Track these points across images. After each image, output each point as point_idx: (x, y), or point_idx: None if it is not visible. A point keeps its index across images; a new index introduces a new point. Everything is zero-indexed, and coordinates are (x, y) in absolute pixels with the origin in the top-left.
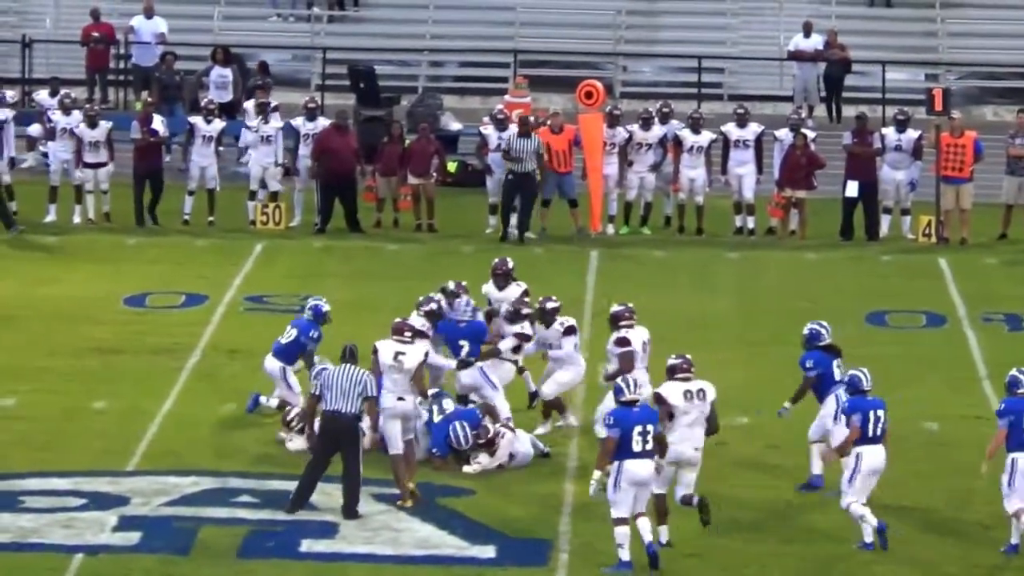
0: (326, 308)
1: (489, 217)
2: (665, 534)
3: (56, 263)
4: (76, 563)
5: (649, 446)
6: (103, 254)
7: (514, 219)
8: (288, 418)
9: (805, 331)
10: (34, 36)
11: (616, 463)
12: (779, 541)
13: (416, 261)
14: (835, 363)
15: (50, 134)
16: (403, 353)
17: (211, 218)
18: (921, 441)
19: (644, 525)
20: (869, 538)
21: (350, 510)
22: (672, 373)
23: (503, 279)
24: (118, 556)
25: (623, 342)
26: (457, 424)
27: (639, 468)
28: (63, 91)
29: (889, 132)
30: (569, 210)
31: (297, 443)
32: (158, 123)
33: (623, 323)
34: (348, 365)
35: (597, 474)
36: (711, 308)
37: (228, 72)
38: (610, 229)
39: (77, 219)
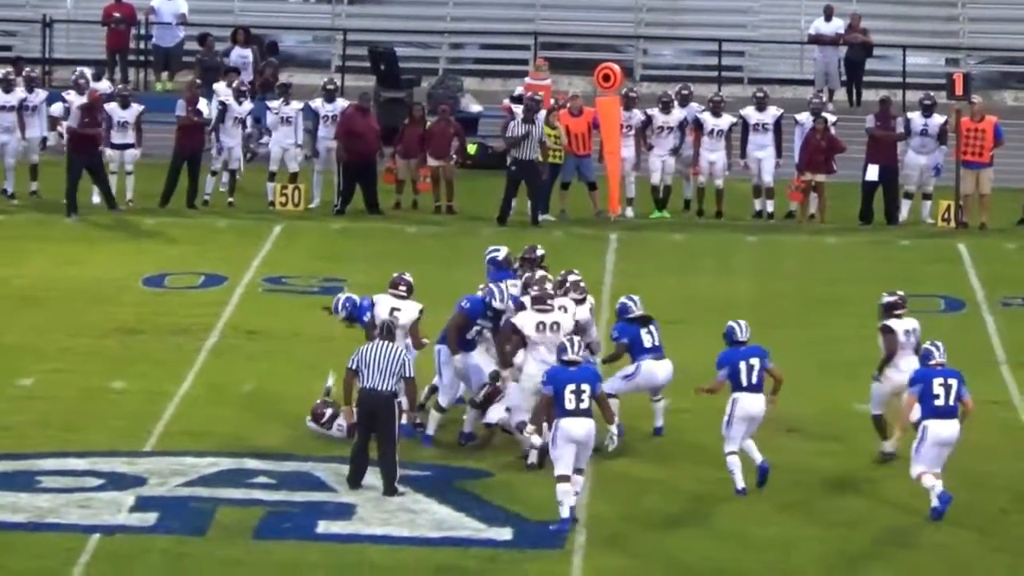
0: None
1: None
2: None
3: (77, 244)
4: (93, 543)
5: (584, 405)
6: (123, 234)
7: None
8: (319, 411)
9: (617, 304)
10: (55, 16)
11: (555, 421)
12: (800, 524)
13: (435, 243)
14: (643, 331)
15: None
16: (399, 309)
17: (231, 199)
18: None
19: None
20: (935, 503)
21: (389, 488)
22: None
23: (530, 265)
24: (135, 536)
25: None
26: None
27: (572, 426)
28: (84, 72)
29: (915, 116)
30: (588, 193)
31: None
32: (203, 104)
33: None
34: (385, 342)
35: (530, 428)
36: (730, 292)
37: (248, 53)
38: (629, 212)
39: (96, 199)
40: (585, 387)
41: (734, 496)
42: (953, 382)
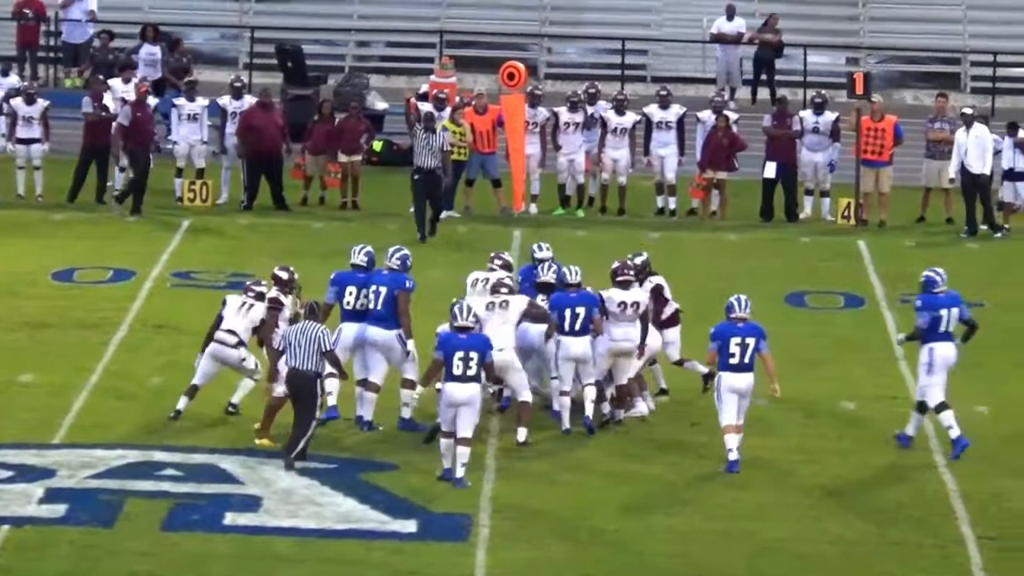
0: None
1: None
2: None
3: None
4: (2, 534)
5: (471, 372)
6: (31, 229)
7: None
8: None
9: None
10: None
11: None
12: (704, 518)
13: (341, 239)
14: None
15: None
16: (250, 304)
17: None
18: (839, 420)
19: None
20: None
21: (288, 455)
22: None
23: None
24: (44, 528)
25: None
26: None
27: (455, 390)
28: None
29: (807, 115)
30: (492, 190)
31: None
32: (108, 100)
33: None
34: (308, 322)
35: (419, 389)
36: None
37: (157, 50)
38: (533, 208)
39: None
40: (474, 355)
41: (637, 487)
42: (751, 340)
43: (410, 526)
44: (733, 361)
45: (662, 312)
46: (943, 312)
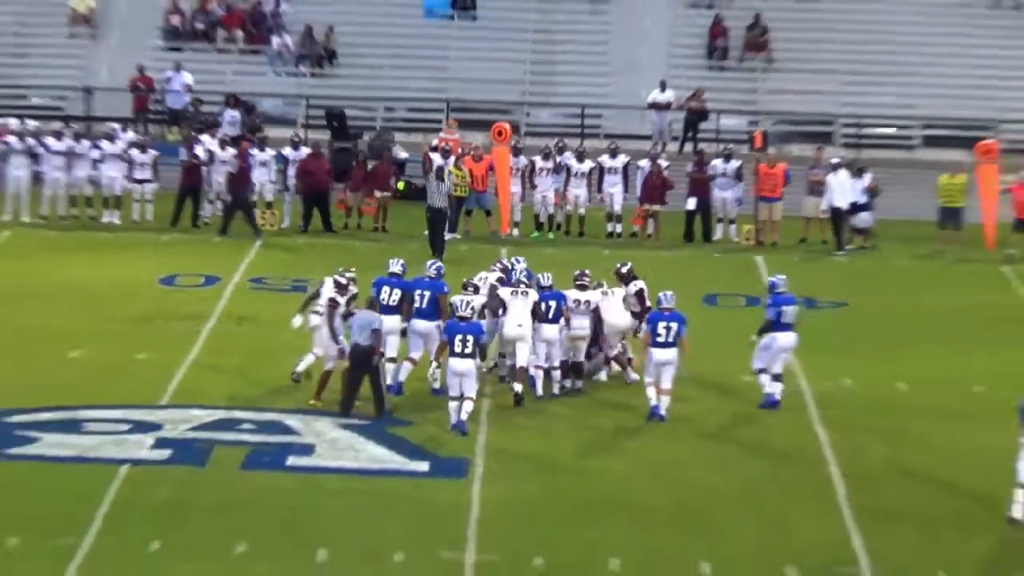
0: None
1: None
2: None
3: (111, 253)
4: (123, 472)
5: (468, 350)
6: (144, 247)
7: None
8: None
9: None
10: (93, 85)
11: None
12: (644, 462)
13: (374, 254)
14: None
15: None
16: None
17: (207, 218)
18: (741, 389)
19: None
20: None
21: (379, 410)
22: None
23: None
24: (153, 468)
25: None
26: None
27: (457, 364)
28: (111, 126)
29: (718, 162)
30: (485, 218)
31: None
32: (200, 150)
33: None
34: (367, 311)
35: (433, 364)
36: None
37: (236, 113)
38: (515, 232)
39: (116, 219)
40: (470, 337)
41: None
42: (674, 324)
43: (423, 466)
44: (660, 340)
45: (644, 305)
46: (784, 308)
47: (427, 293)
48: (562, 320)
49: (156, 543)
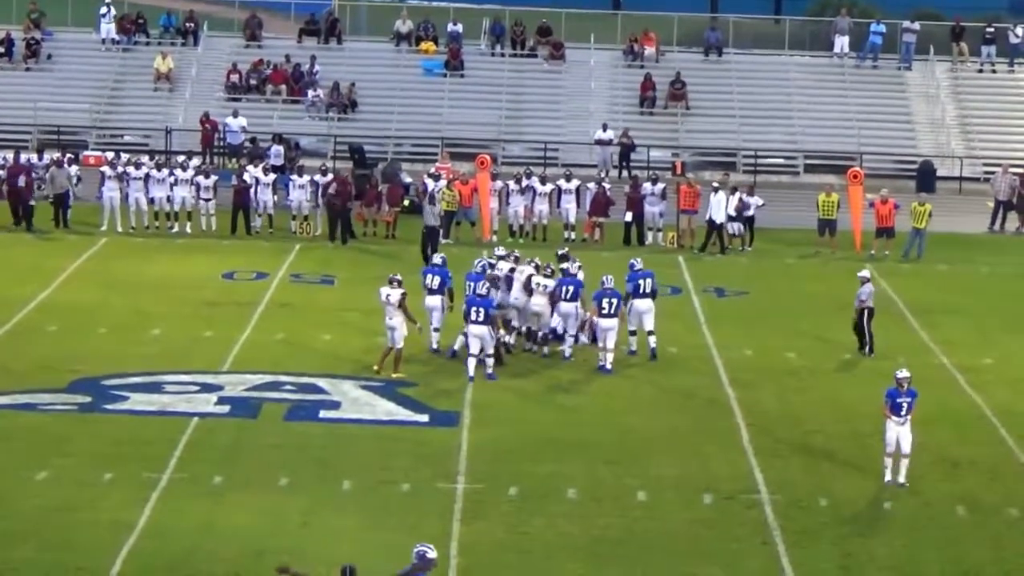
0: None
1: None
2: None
3: (184, 255)
4: (193, 423)
5: (481, 318)
6: (209, 250)
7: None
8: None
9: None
10: (172, 126)
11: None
12: (597, 410)
13: (386, 256)
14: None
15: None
16: (390, 294)
17: (270, 230)
18: (662, 364)
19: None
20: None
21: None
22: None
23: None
24: (217, 420)
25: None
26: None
27: (473, 329)
28: (182, 158)
29: (648, 185)
30: (471, 227)
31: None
32: (247, 176)
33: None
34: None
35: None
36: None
37: (280, 148)
38: (494, 238)
39: (187, 230)
40: (482, 309)
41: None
42: (615, 300)
43: (425, 418)
44: (604, 312)
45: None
46: (640, 282)
47: (478, 284)
48: (579, 300)
49: (218, 477)
